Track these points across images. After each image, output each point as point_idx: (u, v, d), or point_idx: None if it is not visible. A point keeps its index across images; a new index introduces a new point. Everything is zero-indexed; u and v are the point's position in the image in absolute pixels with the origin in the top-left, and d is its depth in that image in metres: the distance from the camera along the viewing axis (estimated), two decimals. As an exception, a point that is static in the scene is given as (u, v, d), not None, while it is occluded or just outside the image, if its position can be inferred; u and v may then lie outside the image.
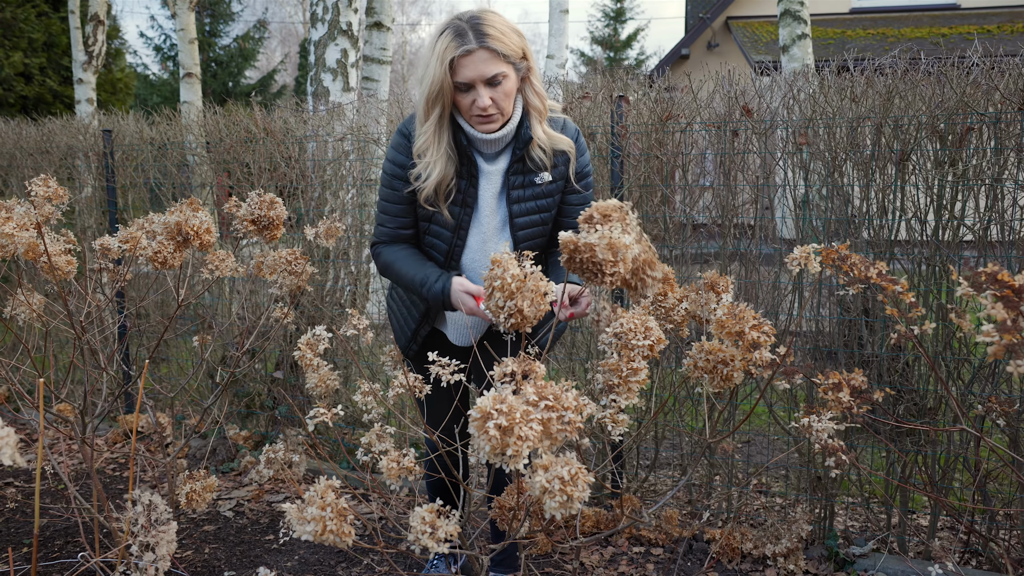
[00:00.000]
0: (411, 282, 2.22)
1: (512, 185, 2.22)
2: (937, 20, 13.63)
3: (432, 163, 2.13)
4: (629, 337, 1.57)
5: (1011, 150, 2.87)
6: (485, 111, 2.08)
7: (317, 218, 4.15)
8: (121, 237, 2.29)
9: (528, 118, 2.19)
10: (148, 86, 19.72)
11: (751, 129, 3.18)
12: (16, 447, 1.25)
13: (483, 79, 2.04)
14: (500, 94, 2.07)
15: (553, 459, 1.40)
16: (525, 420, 1.33)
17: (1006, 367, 2.91)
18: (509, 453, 1.34)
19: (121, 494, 3.72)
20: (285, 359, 4.21)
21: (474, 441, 1.38)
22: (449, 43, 2.02)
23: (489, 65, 2.03)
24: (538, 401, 1.36)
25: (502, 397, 1.37)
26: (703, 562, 3.05)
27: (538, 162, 2.21)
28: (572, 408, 1.42)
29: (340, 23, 5.06)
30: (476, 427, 1.33)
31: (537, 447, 1.35)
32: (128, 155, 4.68)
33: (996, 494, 3.06)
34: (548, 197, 2.26)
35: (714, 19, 14.63)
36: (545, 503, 1.41)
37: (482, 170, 2.23)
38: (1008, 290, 1.34)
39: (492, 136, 2.15)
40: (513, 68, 2.09)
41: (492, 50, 2.02)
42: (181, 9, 8.78)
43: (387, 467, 1.69)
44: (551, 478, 1.40)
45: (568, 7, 7.63)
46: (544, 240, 2.34)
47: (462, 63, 2.02)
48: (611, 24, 29.31)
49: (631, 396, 1.69)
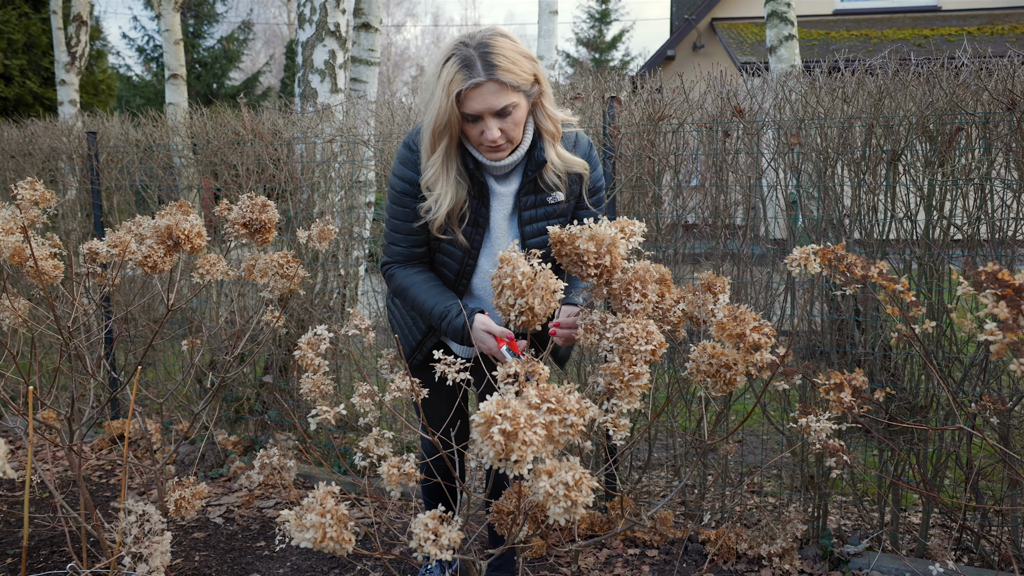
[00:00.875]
0: (429, 311, 2.14)
1: (524, 206, 2.16)
2: (919, 22, 13.74)
3: (442, 195, 2.05)
4: (631, 342, 1.55)
5: (999, 150, 2.88)
6: (495, 143, 2.00)
7: (306, 220, 4.12)
8: (110, 241, 2.26)
9: (541, 140, 2.11)
10: (131, 88, 19.57)
11: (743, 129, 3.18)
12: (5, 457, 1.22)
13: (492, 111, 1.95)
14: (510, 124, 1.99)
15: (556, 464, 1.39)
16: (529, 425, 1.31)
17: (997, 365, 2.93)
18: (513, 458, 1.32)
19: (108, 502, 3.67)
20: (274, 363, 4.17)
21: (477, 446, 1.36)
22: (456, 74, 1.91)
23: (499, 97, 1.93)
24: (540, 403, 1.34)
25: (506, 402, 1.36)
26: (699, 563, 3.04)
27: (551, 184, 2.15)
28: (574, 411, 1.40)
29: (328, 24, 5.02)
30: (480, 432, 1.32)
31: (541, 452, 1.33)
32: (113, 157, 4.63)
33: (987, 491, 3.07)
34: (561, 216, 2.20)
35: (699, 20, 14.67)
36: (549, 508, 1.40)
37: (494, 191, 2.16)
38: (1009, 289, 1.34)
39: (501, 164, 2.09)
40: (524, 95, 2.00)
41: (501, 82, 1.92)
42: (166, 10, 8.70)
43: (387, 473, 1.67)
44: (555, 483, 1.39)
45: (557, 8, 7.61)
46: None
47: (470, 95, 1.93)
48: (596, 26, 29.39)
49: (633, 400, 1.68)
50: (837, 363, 3.14)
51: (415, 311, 2.23)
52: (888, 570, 2.94)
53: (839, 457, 1.59)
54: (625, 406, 1.70)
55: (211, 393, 2.50)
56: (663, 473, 3.79)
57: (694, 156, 3.35)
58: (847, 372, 1.72)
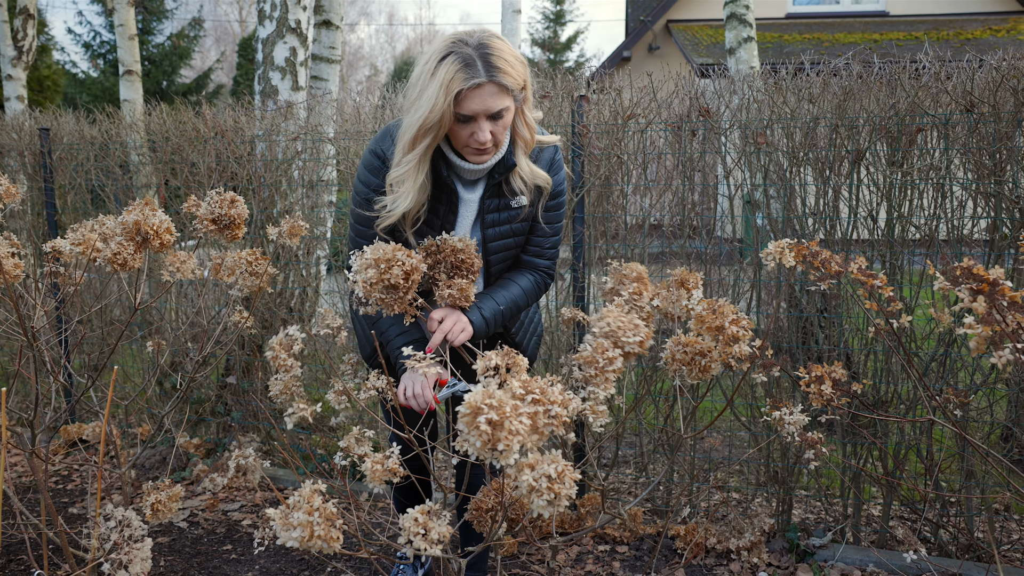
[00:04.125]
0: (382, 322, 2.14)
1: (487, 209, 2.15)
2: (868, 26, 14.06)
3: (404, 194, 2.01)
4: (619, 335, 1.56)
5: (957, 151, 2.96)
6: (483, 145, 1.98)
7: (266, 220, 4.06)
8: (74, 239, 2.20)
9: (513, 146, 2.10)
10: (76, 84, 19.05)
11: (711, 129, 3.23)
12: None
13: (488, 113, 1.93)
14: (499, 127, 1.98)
15: (539, 457, 1.39)
16: (515, 414, 1.31)
17: (955, 361, 3.02)
18: (500, 447, 1.32)
19: (66, 508, 3.58)
20: (237, 364, 4.11)
21: (463, 436, 1.36)
22: (456, 73, 1.87)
23: (496, 99, 1.92)
24: (525, 394, 1.34)
25: (491, 392, 1.36)
26: (668, 558, 3.07)
27: (516, 189, 2.13)
28: (558, 402, 1.41)
29: (289, 20, 4.96)
30: (467, 422, 1.31)
31: (526, 442, 1.34)
32: (67, 155, 4.51)
33: (944, 482, 3.16)
34: (523, 221, 2.20)
35: (655, 22, 14.82)
36: (532, 502, 1.40)
37: (462, 198, 2.15)
38: (984, 284, 1.38)
39: (480, 167, 2.07)
40: (514, 100, 1.99)
41: (501, 84, 1.91)
42: (120, 4, 8.50)
43: (371, 469, 1.65)
44: (538, 476, 1.39)
45: (520, 7, 7.61)
46: (514, 261, 2.30)
47: (469, 95, 1.90)
48: (551, 27, 29.53)
49: (608, 386, 1.70)
50: (803, 359, 3.20)
51: (368, 326, 2.23)
52: (852, 561, 3.01)
53: (817, 449, 1.62)
54: (602, 393, 1.71)
55: (179, 394, 2.45)
56: (629, 470, 3.82)
57: (660, 155, 3.38)
58: (826, 366, 1.75)
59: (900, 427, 3.10)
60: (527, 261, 2.29)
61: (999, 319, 1.31)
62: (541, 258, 2.29)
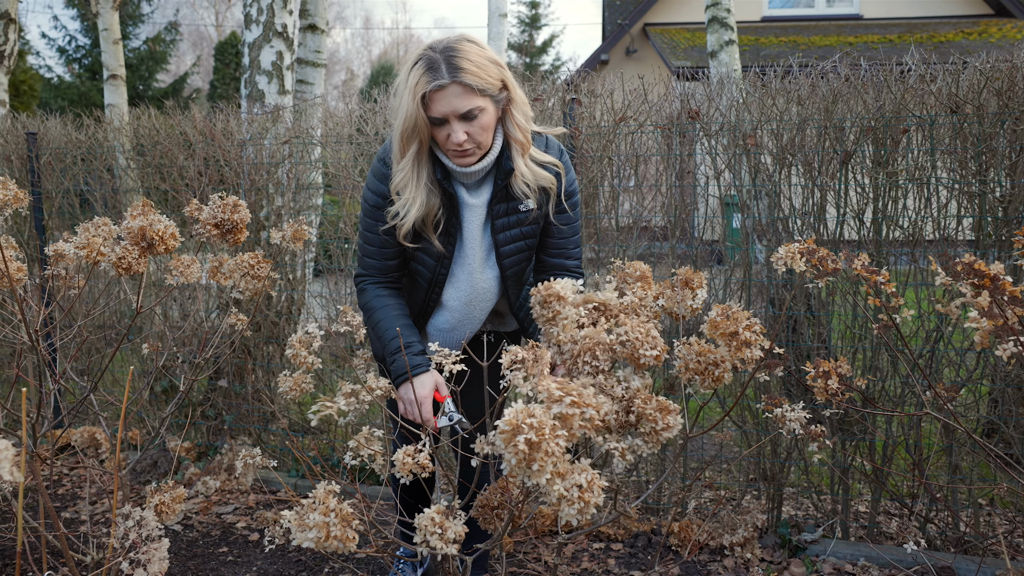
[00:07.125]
0: (386, 339, 2.15)
1: (496, 214, 2.17)
2: (843, 29, 14.25)
3: (411, 200, 2.05)
4: (636, 346, 1.59)
5: (942, 151, 3.03)
6: (460, 146, 2.01)
7: (255, 223, 4.05)
8: (77, 243, 2.20)
9: (509, 150, 2.11)
10: (52, 89, 18.86)
11: (700, 131, 3.28)
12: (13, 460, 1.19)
13: (456, 114, 1.96)
14: (476, 128, 2.00)
15: (569, 467, 1.42)
16: (553, 436, 1.34)
17: (942, 359, 3.09)
18: (535, 468, 1.35)
19: (59, 512, 3.55)
20: (229, 367, 4.10)
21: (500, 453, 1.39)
22: (421, 77, 1.93)
23: (463, 100, 1.95)
24: (562, 396, 1.37)
25: (531, 411, 1.38)
26: (662, 555, 3.11)
27: (521, 193, 2.15)
28: (592, 405, 1.44)
29: (275, 25, 4.96)
30: (505, 440, 1.34)
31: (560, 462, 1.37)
32: (54, 159, 4.48)
33: (933, 478, 3.23)
34: (533, 224, 2.21)
35: (632, 25, 14.91)
36: (563, 510, 1.43)
37: (464, 202, 2.17)
38: (986, 279, 1.42)
39: (469, 170, 2.09)
40: (491, 100, 2.01)
41: (466, 84, 1.93)
42: (104, 8, 8.43)
43: (401, 460, 1.68)
44: (569, 486, 1.42)
45: (506, 11, 7.64)
46: (529, 263, 2.32)
47: (434, 98, 1.94)
48: (527, 30, 29.62)
49: (656, 446, 1.73)
50: (794, 358, 3.25)
51: (370, 329, 2.25)
52: (844, 555, 3.06)
53: (820, 441, 1.66)
54: (647, 450, 1.74)
55: (180, 395, 2.45)
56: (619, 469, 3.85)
57: (645, 158, 3.43)
58: (832, 361, 1.80)
59: (888, 423, 3.17)
60: (555, 265, 2.31)
61: (999, 313, 1.36)
62: (568, 259, 2.31)
